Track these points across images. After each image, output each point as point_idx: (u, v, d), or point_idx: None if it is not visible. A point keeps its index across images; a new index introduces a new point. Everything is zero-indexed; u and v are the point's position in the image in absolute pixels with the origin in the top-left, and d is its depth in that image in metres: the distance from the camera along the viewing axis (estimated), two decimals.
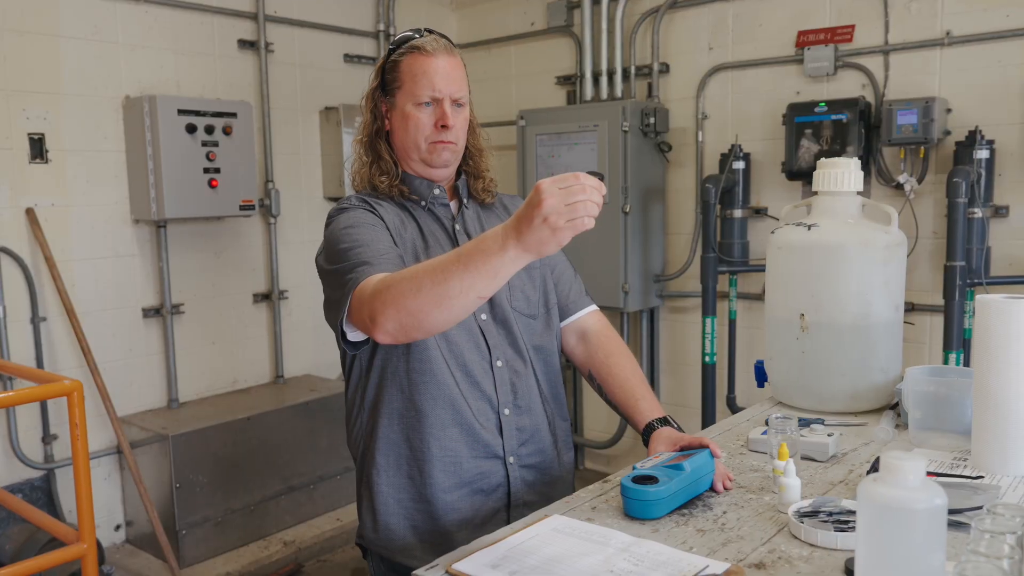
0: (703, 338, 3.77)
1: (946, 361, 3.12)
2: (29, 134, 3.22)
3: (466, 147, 1.74)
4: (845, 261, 1.87)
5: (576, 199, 1.15)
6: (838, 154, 3.42)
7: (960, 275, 3.08)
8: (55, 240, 3.29)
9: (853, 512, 1.28)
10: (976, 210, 3.13)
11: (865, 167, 3.45)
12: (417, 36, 1.65)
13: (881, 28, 3.44)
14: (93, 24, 3.37)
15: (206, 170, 3.48)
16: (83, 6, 3.34)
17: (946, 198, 3.11)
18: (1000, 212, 3.23)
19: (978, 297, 1.51)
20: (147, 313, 3.60)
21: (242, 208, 3.63)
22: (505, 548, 1.25)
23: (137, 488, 3.28)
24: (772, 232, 2.02)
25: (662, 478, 1.37)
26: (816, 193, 1.97)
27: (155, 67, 3.57)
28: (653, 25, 4.01)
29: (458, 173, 1.76)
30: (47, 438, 3.31)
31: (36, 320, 3.25)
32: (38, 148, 3.25)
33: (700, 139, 3.95)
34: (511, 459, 1.62)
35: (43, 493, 3.35)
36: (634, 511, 1.36)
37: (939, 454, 1.61)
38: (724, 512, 1.39)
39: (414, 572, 1.21)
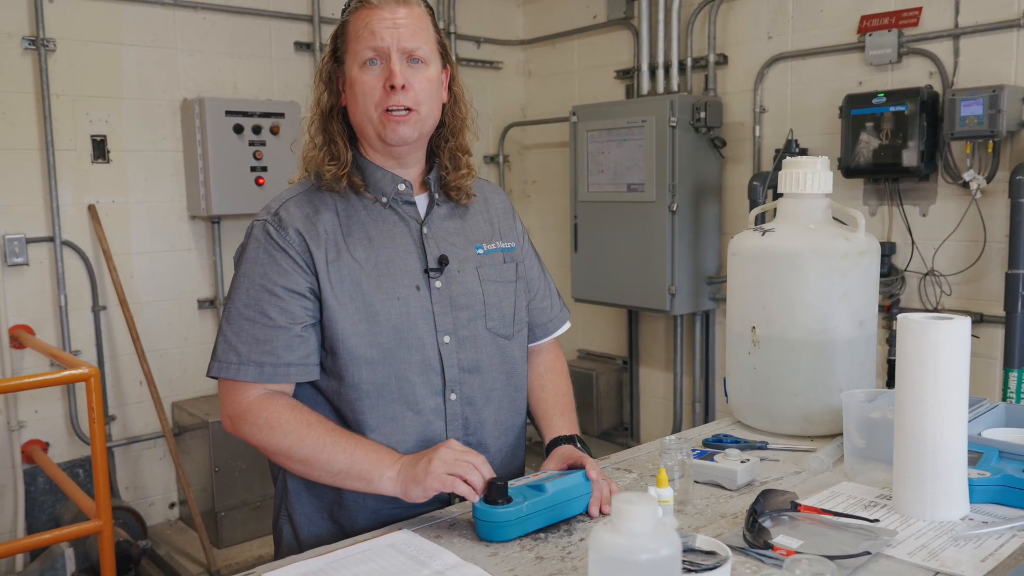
0: None
1: (1006, 381, 2.79)
2: (92, 136, 3.47)
3: (444, 123, 1.48)
4: (798, 270, 1.70)
5: (463, 461, 1.27)
6: (899, 149, 3.13)
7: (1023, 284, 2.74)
8: (115, 235, 3.52)
9: (708, 551, 1.17)
10: None
11: (931, 163, 3.14)
12: None
13: (951, 9, 3.10)
14: (153, 32, 3.58)
15: (253, 168, 3.62)
16: (144, 15, 3.55)
17: (1009, 198, 2.78)
18: None
19: (899, 316, 1.34)
20: (202, 305, 3.79)
21: None
22: (326, 560, 1.23)
23: (177, 470, 3.48)
24: (731, 237, 1.87)
25: (516, 499, 1.30)
26: (781, 195, 1.81)
27: (212, 70, 3.74)
28: (710, 14, 3.81)
29: (433, 161, 1.51)
30: (105, 418, 3.56)
31: (96, 309, 3.50)
32: (100, 149, 3.49)
33: (757, 134, 3.72)
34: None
35: None
36: (481, 532, 1.30)
37: (865, 490, 1.44)
38: (582, 540, 1.30)
39: None
